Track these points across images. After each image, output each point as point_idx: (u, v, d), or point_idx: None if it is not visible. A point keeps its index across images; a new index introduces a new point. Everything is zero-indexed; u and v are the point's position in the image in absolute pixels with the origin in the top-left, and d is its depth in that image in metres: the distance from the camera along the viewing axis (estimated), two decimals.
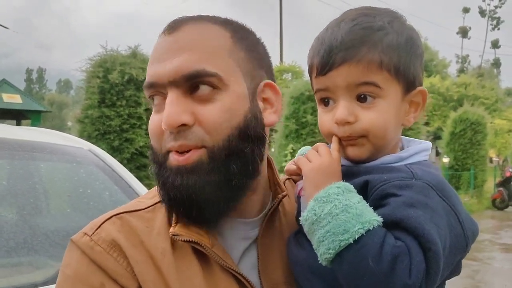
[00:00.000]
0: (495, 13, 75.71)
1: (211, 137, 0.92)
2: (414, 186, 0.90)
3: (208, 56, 0.94)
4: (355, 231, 0.84)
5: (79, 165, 2.54)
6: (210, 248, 0.94)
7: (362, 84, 0.94)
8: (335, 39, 0.95)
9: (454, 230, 0.90)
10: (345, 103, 0.96)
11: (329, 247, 0.85)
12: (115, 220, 0.98)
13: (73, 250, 0.95)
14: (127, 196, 2.39)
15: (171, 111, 0.90)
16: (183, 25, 0.96)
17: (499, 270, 8.65)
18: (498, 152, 28.10)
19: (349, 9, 1.04)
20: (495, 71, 73.71)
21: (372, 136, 0.97)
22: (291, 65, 27.30)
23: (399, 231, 0.86)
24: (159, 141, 0.95)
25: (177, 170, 0.92)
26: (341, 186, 0.90)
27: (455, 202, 0.93)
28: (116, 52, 9.28)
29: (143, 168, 9.16)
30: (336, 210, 0.86)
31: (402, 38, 0.97)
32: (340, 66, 0.94)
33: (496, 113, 34.17)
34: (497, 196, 16.65)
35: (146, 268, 0.93)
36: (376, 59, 0.94)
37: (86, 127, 9.11)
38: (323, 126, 1.01)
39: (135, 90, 9.06)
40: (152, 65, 0.96)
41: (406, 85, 0.98)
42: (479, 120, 17.41)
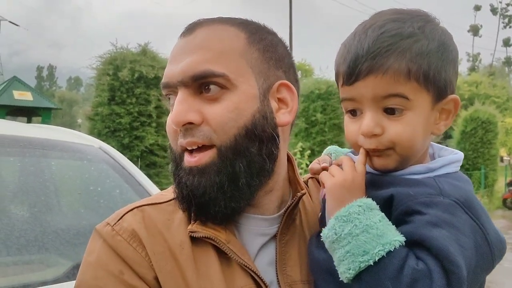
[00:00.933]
0: (507, 11, 75.10)
1: (218, 136, 0.94)
2: (440, 204, 0.86)
3: (217, 57, 0.96)
4: (375, 253, 0.82)
5: (89, 163, 2.54)
6: (226, 244, 0.96)
7: (389, 96, 0.90)
8: (361, 48, 0.91)
9: (480, 249, 0.87)
10: (372, 114, 0.92)
11: (349, 267, 0.85)
12: (137, 212, 1.01)
13: (96, 238, 1.00)
14: (137, 194, 2.40)
15: (178, 109, 0.94)
16: (198, 27, 1.00)
17: (510, 270, 8.58)
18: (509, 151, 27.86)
19: (379, 12, 0.99)
20: (506, 70, 73.13)
21: (399, 148, 0.93)
22: (301, 63, 27.26)
23: (422, 250, 0.83)
24: (174, 139, 0.99)
25: (189, 171, 0.96)
26: (363, 204, 0.88)
27: (484, 220, 0.90)
28: (126, 50, 9.32)
29: (152, 166, 9.20)
30: (357, 231, 0.85)
31: (433, 44, 0.92)
32: (367, 77, 0.90)
33: (507, 112, 33.87)
34: (508, 195, 16.53)
35: (163, 259, 0.95)
36: (403, 69, 0.89)
37: (96, 124, 9.16)
38: (350, 136, 0.98)
39: (145, 87, 9.10)
40: (167, 66, 1.00)
41: (436, 94, 0.93)
42: (490, 119, 17.28)
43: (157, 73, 9.05)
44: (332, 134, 12.31)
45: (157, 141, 9.10)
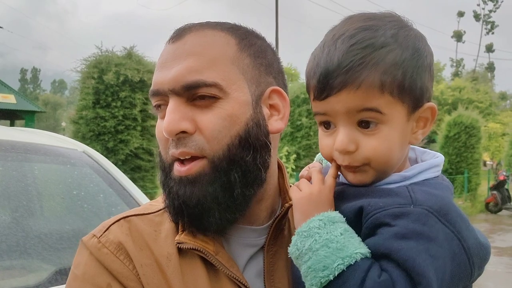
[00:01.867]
0: (490, 17, 76.21)
1: (210, 146, 0.92)
2: (411, 214, 0.83)
3: (208, 65, 0.93)
4: (334, 267, 0.81)
5: (73, 167, 2.51)
6: (214, 256, 0.95)
7: (363, 110, 0.86)
8: (331, 62, 0.86)
9: (457, 258, 0.84)
10: (345, 130, 0.89)
11: (312, 283, 0.83)
12: (123, 223, 1.00)
13: (83, 251, 0.98)
14: (121, 199, 2.38)
15: (171, 118, 0.91)
16: (187, 33, 0.97)
17: (493, 274, 8.68)
18: (491, 156, 28.24)
19: (349, 18, 0.94)
20: (489, 75, 74.13)
21: (374, 163, 0.89)
22: (287, 67, 27.33)
23: (388, 262, 0.81)
24: (165, 148, 0.96)
25: (179, 181, 0.93)
26: (324, 218, 0.86)
27: (460, 227, 0.86)
28: (111, 53, 9.26)
29: (137, 170, 9.14)
30: (317, 245, 0.83)
31: (407, 52, 0.88)
32: (339, 92, 0.86)
33: (490, 117, 34.36)
34: (490, 199, 16.71)
35: (151, 271, 0.94)
36: (376, 82, 0.85)
37: (80, 128, 9.08)
38: (323, 150, 0.94)
39: (130, 91, 9.05)
40: (156, 73, 0.97)
41: (412, 104, 0.89)
42: (473, 124, 17.47)
43: (142, 76, 9.01)
44: (317, 138, 12.29)
45: (142, 144, 9.04)
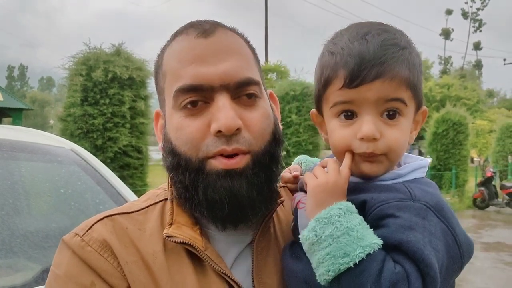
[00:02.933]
0: (477, 15, 76.75)
1: (256, 142, 0.95)
2: (412, 208, 0.88)
3: (249, 65, 0.99)
4: (355, 255, 0.83)
5: (60, 164, 2.49)
6: (203, 251, 0.95)
7: (392, 100, 0.93)
8: (367, 52, 0.91)
9: (451, 251, 0.89)
10: (372, 119, 0.93)
11: (329, 269, 0.85)
12: (107, 221, 1.00)
13: (64, 250, 0.97)
14: (109, 197, 2.36)
15: (230, 114, 0.92)
16: (216, 30, 0.98)
17: (480, 269, 8.76)
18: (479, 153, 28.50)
19: (359, 23, 1.00)
20: (476, 73, 74.70)
21: (392, 154, 0.95)
22: (276, 65, 27.30)
23: (398, 254, 0.85)
24: (197, 146, 0.95)
25: (226, 173, 0.94)
26: (343, 207, 0.89)
27: (453, 223, 0.92)
28: (100, 50, 9.17)
29: (126, 168, 9.09)
30: (338, 233, 0.86)
31: (418, 58, 0.97)
32: (374, 81, 0.91)
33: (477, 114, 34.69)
34: (478, 195, 16.85)
35: (136, 268, 0.94)
36: (406, 77, 0.93)
37: (68, 125, 9.00)
38: (341, 141, 0.96)
39: (119, 88, 8.98)
40: (193, 67, 0.95)
41: (417, 104, 0.99)
42: (461, 121, 17.60)
43: (131, 73, 8.94)
44: (307, 135, 12.37)
45: (131, 142, 8.99)
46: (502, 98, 66.18)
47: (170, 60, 1.00)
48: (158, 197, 1.09)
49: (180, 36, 1.00)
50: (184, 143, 0.96)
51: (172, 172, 1.00)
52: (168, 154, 1.00)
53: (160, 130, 1.07)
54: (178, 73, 0.96)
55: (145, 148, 9.39)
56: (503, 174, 23.19)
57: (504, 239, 11.49)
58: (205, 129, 0.94)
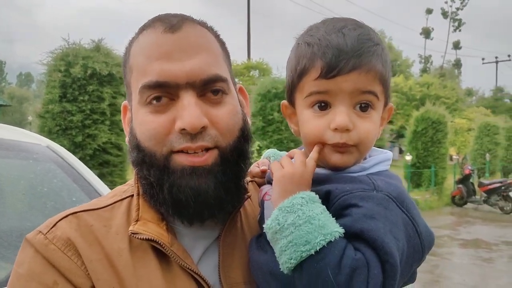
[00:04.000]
0: (457, 15, 77.81)
1: (223, 139, 0.95)
2: (375, 198, 0.91)
3: (216, 61, 0.98)
4: (316, 243, 0.85)
5: (36, 162, 2.44)
6: (169, 247, 0.95)
7: (366, 92, 0.95)
8: (345, 44, 0.94)
9: (412, 241, 0.92)
10: (345, 110, 0.95)
11: (291, 257, 0.86)
12: (72, 219, 0.98)
13: (27, 248, 0.95)
14: (86, 195, 2.33)
15: (195, 112, 0.91)
16: (183, 25, 0.97)
17: (458, 265, 8.91)
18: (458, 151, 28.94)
19: (334, 18, 1.02)
20: (456, 72, 75.78)
21: (363, 145, 0.97)
22: (259, 62, 27.31)
23: (359, 242, 0.87)
24: (161, 142, 0.94)
25: (192, 171, 0.93)
26: (306, 196, 0.90)
27: (414, 214, 0.94)
28: (79, 46, 9.04)
29: (106, 165, 8.99)
30: (300, 221, 0.87)
31: (389, 56, 1.01)
32: (350, 72, 0.93)
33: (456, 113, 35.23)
34: (456, 193, 17.14)
35: (100, 267, 0.93)
36: (380, 71, 0.96)
37: (46, 122, 8.85)
38: (314, 131, 0.98)
39: (98, 84, 8.86)
40: (159, 63, 0.94)
41: (386, 100, 1.02)
42: (440, 119, 17.86)
43: (111, 70, 8.83)
44: (288, 133, 12.39)
45: (110, 139, 8.88)
46: (480, 97, 67.22)
47: (136, 55, 0.99)
48: (125, 193, 1.08)
49: (147, 30, 0.99)
50: (148, 138, 0.95)
51: (137, 167, 1.00)
52: (133, 148, 1.00)
53: (127, 124, 1.06)
54: (144, 69, 0.96)
55: (125, 145, 9.28)
56: (481, 171, 23.61)
57: (482, 235, 11.71)
58: (170, 125, 0.94)
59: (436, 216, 14.71)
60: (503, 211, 15.51)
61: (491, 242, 10.91)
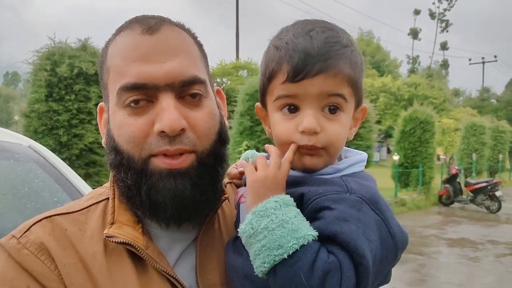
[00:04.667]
0: (444, 16, 78.51)
1: (201, 142, 0.95)
2: (348, 200, 0.91)
3: (195, 63, 0.98)
4: (289, 246, 0.85)
5: (17, 162, 2.41)
6: (144, 250, 0.94)
7: (333, 95, 0.95)
8: (311, 48, 0.94)
9: (385, 242, 0.92)
10: (313, 113, 0.95)
11: (264, 261, 0.86)
12: (46, 223, 0.97)
13: (0, 253, 0.94)
14: (68, 195, 2.30)
15: (174, 115, 0.91)
16: (161, 27, 0.96)
17: (444, 264, 8.98)
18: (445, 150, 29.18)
19: (303, 20, 1.02)
20: (443, 72, 76.45)
21: (332, 148, 0.97)
22: (247, 62, 27.29)
23: (332, 245, 0.87)
24: (140, 145, 0.93)
25: (168, 173, 0.93)
26: (280, 200, 0.90)
27: (387, 215, 0.95)
28: (65, 45, 8.96)
29: (92, 165, 8.93)
30: (273, 225, 0.87)
31: (360, 58, 1.01)
32: (316, 76, 0.93)
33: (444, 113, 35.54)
34: (443, 192, 17.27)
35: (74, 271, 0.92)
36: (347, 74, 0.95)
37: (32, 121, 8.77)
38: (283, 133, 0.99)
39: (85, 84, 8.80)
40: (137, 65, 0.93)
41: (357, 101, 1.02)
42: (428, 119, 17.99)
43: (97, 69, 8.76)
44: None
45: (97, 139, 8.82)
46: (467, 97, 67.88)
47: (114, 56, 0.98)
48: (101, 195, 1.06)
49: (124, 31, 0.98)
50: (127, 141, 0.94)
51: (114, 170, 0.99)
52: (111, 151, 0.99)
53: (104, 125, 1.05)
54: (121, 71, 0.94)
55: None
56: (467, 171, 23.85)
57: (468, 235, 11.81)
58: (148, 128, 0.93)
59: (423, 215, 14.82)
60: (489, 210, 15.67)
61: (477, 241, 11.01)
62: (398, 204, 15.26)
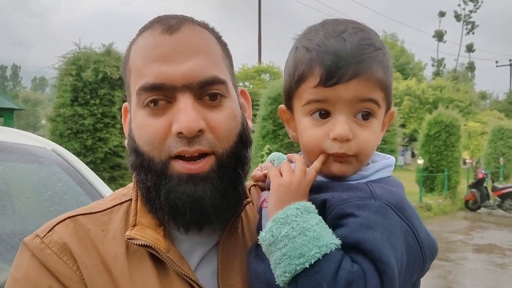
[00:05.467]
0: (470, 18, 77.24)
1: (220, 144, 0.93)
2: (372, 206, 0.87)
3: (215, 63, 0.96)
4: (311, 255, 0.82)
5: (41, 165, 2.45)
6: (165, 253, 0.93)
7: (366, 100, 0.91)
8: (344, 50, 0.90)
9: (411, 250, 0.88)
10: (345, 119, 0.91)
11: (285, 270, 0.83)
12: (69, 223, 0.97)
13: (24, 252, 0.95)
14: (90, 198, 2.32)
15: (193, 116, 0.89)
16: (182, 26, 0.95)
17: (471, 270, 8.79)
18: (471, 154, 28.65)
19: (335, 19, 0.98)
20: (469, 75, 75.12)
21: (363, 155, 0.94)
22: (270, 65, 27.32)
23: (356, 253, 0.83)
24: (159, 147, 0.93)
25: (188, 178, 0.91)
26: (301, 207, 0.87)
27: (414, 222, 0.90)
28: (90, 50, 9.12)
29: (117, 168, 9.05)
30: (294, 233, 0.84)
31: (390, 61, 0.97)
32: (350, 81, 0.89)
33: (470, 116, 34.91)
34: (469, 197, 16.94)
35: (96, 272, 0.92)
36: (381, 78, 0.91)
37: (58, 125, 8.94)
38: (313, 140, 0.94)
39: (109, 88, 8.94)
40: (156, 65, 0.92)
41: (387, 106, 0.97)
42: (453, 123, 17.70)
43: (121, 72, 8.90)
44: None
45: (121, 142, 8.93)
46: (494, 100, 66.55)
47: (135, 57, 0.98)
48: (124, 196, 1.06)
49: (145, 32, 0.98)
50: (147, 143, 0.94)
51: (135, 171, 0.98)
52: (132, 152, 0.98)
53: (127, 125, 1.05)
54: (141, 71, 0.94)
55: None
56: (494, 176, 23.33)
57: (495, 241, 11.55)
58: (167, 129, 0.92)
59: (449, 220, 14.55)
60: None
61: (504, 247, 10.75)
62: (424, 209, 15.03)
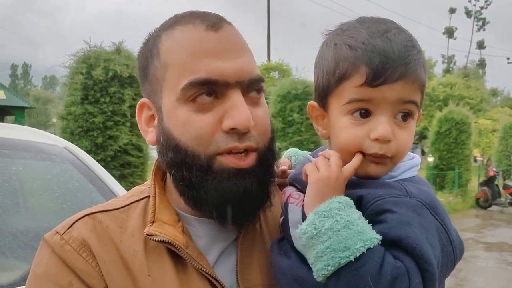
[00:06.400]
0: (481, 14, 76.50)
1: (261, 140, 0.95)
2: (409, 204, 0.87)
3: (254, 61, 0.99)
4: (356, 249, 0.81)
5: (53, 163, 2.47)
6: (184, 249, 0.94)
7: (408, 102, 0.92)
8: (391, 51, 0.89)
9: (445, 249, 0.88)
10: (387, 120, 0.91)
11: (328, 263, 0.82)
12: (88, 220, 0.99)
13: (44, 248, 0.96)
14: (102, 196, 2.34)
15: (246, 112, 0.91)
16: (223, 23, 0.97)
17: (482, 269, 8.73)
18: (482, 152, 28.42)
19: (372, 17, 0.97)
20: (480, 72, 74.43)
21: (399, 157, 0.94)
22: (279, 63, 27.27)
23: (398, 250, 0.83)
24: (207, 142, 0.92)
25: (237, 173, 0.92)
26: (343, 201, 0.87)
27: (446, 221, 0.91)
28: (100, 48, 9.15)
29: (127, 166, 9.08)
30: (338, 226, 0.84)
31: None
32: (396, 81, 0.89)
33: (480, 113, 34.59)
34: (480, 195, 16.81)
35: (115, 268, 0.93)
36: (423, 80, 0.93)
37: (69, 124, 8.98)
38: (352, 139, 0.94)
39: (119, 86, 8.95)
40: (208, 61, 0.92)
41: (420, 106, 0.98)
42: (464, 120, 17.57)
43: (131, 72, 8.92)
44: (309, 134, 12.33)
45: (131, 140, 8.96)
46: (505, 97, 65.89)
47: (173, 50, 0.95)
48: (142, 193, 1.07)
49: (184, 26, 0.96)
50: (193, 138, 0.92)
51: (174, 169, 0.96)
52: (169, 150, 0.95)
53: (146, 123, 1.03)
54: (189, 66, 0.92)
55: (145, 147, 9.36)
56: (506, 173, 23.10)
57: (507, 238, 11.45)
58: (216, 125, 0.92)
59: (460, 218, 14.45)
60: None
61: None
62: None
